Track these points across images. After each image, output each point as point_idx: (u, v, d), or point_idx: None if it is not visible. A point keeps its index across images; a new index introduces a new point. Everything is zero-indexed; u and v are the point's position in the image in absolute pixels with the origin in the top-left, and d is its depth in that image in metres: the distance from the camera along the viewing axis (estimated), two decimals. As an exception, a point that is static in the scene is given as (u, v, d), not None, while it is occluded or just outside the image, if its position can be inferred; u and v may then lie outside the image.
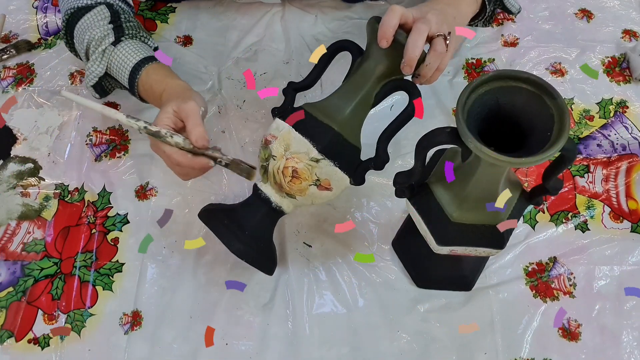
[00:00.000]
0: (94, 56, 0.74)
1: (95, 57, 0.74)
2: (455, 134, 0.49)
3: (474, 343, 0.69)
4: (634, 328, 0.69)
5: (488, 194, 0.54)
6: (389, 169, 0.79)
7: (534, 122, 0.49)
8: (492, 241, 0.58)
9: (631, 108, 0.84)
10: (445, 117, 0.84)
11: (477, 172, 0.52)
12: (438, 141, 0.51)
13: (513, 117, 0.50)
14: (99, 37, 0.73)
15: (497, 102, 0.50)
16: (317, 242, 0.75)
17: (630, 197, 0.78)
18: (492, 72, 0.49)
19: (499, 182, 0.53)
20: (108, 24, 0.74)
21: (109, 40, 0.73)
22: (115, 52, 0.73)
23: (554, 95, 0.47)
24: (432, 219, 0.58)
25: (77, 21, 0.75)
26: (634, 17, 0.93)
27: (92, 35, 0.73)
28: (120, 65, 0.73)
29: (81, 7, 0.75)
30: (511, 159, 0.45)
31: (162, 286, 0.73)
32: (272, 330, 0.70)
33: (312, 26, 0.94)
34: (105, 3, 0.76)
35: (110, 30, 0.74)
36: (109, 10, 0.75)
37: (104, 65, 0.74)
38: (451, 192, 0.57)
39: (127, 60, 0.73)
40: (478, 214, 0.56)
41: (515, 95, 0.49)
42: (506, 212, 0.57)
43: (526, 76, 0.48)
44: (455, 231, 0.57)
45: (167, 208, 0.71)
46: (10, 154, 0.84)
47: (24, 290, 0.74)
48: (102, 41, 0.73)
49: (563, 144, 0.45)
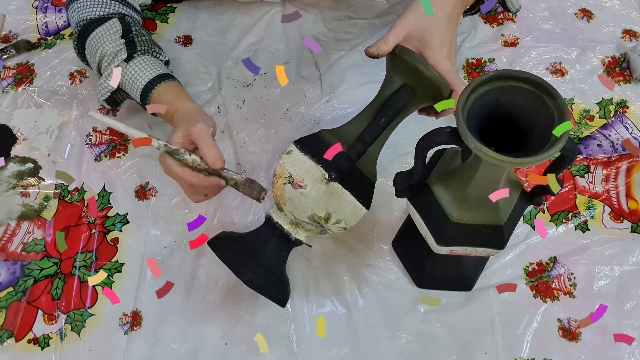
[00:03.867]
0: (107, 72, 0.75)
1: (109, 74, 0.75)
2: (455, 134, 0.49)
3: (474, 343, 0.69)
4: (634, 328, 0.69)
5: (488, 194, 0.54)
6: (389, 169, 0.80)
7: (534, 122, 0.48)
8: (492, 241, 0.58)
9: (631, 108, 0.84)
10: (445, 117, 0.83)
11: (477, 172, 0.52)
12: (438, 141, 0.51)
13: (513, 117, 0.50)
14: (111, 53, 0.74)
15: (497, 102, 0.49)
16: (317, 242, 0.75)
17: (630, 197, 0.78)
18: (492, 72, 0.49)
19: (499, 182, 0.53)
20: (120, 38, 0.75)
21: (122, 57, 0.74)
22: (128, 69, 0.74)
23: (554, 95, 0.47)
24: (432, 219, 0.58)
25: (88, 34, 0.76)
26: (634, 17, 0.93)
27: (105, 50, 0.74)
28: (132, 82, 0.74)
29: (93, 19, 0.76)
30: (511, 159, 0.45)
31: (161, 286, 0.73)
32: (272, 331, 0.70)
33: (312, 26, 0.94)
34: (117, 15, 0.76)
35: (122, 46, 0.75)
36: (121, 24, 0.76)
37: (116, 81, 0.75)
38: (451, 192, 0.57)
39: (140, 78, 0.73)
40: (478, 213, 0.56)
41: (515, 95, 0.49)
42: (506, 212, 0.57)
43: (526, 76, 0.48)
44: (455, 231, 0.57)
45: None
46: (10, 154, 0.84)
47: (23, 290, 0.74)
48: (115, 57, 0.74)
49: (563, 144, 0.45)
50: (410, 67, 0.61)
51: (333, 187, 0.60)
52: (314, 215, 0.61)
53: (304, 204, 0.61)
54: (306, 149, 0.61)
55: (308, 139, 0.63)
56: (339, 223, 0.62)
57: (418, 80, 0.61)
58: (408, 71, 0.61)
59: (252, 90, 0.88)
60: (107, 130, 0.85)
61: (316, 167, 0.60)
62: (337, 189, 0.60)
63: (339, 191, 0.60)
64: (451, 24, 0.66)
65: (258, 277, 0.62)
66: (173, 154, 0.62)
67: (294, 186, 0.60)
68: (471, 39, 0.91)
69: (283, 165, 0.61)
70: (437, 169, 0.60)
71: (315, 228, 0.63)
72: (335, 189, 0.60)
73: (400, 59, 0.62)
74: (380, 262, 0.74)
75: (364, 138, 0.61)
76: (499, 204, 0.55)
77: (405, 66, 0.61)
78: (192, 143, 0.64)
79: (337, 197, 0.60)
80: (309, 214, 0.61)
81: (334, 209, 0.61)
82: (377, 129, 0.62)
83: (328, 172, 0.60)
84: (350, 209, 0.62)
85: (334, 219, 0.62)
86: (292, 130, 0.84)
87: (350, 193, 0.61)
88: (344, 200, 0.61)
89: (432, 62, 0.62)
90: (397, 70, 0.62)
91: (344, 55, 0.89)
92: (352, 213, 0.62)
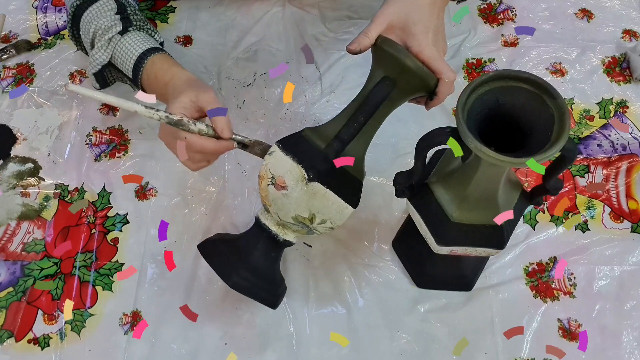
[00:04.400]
0: (100, 44, 0.73)
1: (101, 45, 0.73)
2: (455, 134, 0.49)
3: (474, 343, 0.69)
4: (634, 328, 0.69)
5: (488, 193, 0.54)
6: (388, 170, 0.80)
7: (534, 122, 0.48)
8: (492, 241, 0.58)
9: (631, 108, 0.84)
10: (445, 117, 0.84)
11: (477, 173, 0.52)
12: (438, 141, 0.51)
13: (513, 117, 0.50)
14: (105, 26, 0.72)
15: (497, 102, 0.49)
16: (317, 242, 0.75)
17: (630, 197, 0.78)
18: (492, 72, 0.49)
19: (499, 182, 0.53)
20: (115, 15, 0.74)
21: (117, 29, 0.73)
22: (122, 41, 0.72)
23: (554, 95, 0.47)
24: (432, 219, 0.58)
25: (83, 12, 0.74)
26: (634, 17, 0.93)
27: (99, 24, 0.73)
28: (125, 54, 0.72)
29: None
30: (511, 159, 0.45)
31: (161, 286, 0.73)
32: (272, 331, 0.70)
33: (312, 26, 0.94)
34: None
35: (117, 21, 0.73)
36: (116, 2, 0.75)
37: (108, 54, 0.73)
38: (451, 192, 0.56)
39: (133, 49, 0.72)
40: (478, 213, 0.56)
41: (515, 95, 0.49)
42: None
43: (526, 76, 0.48)
44: (455, 231, 0.57)
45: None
46: (10, 154, 0.84)
47: (23, 290, 0.74)
48: (109, 30, 0.72)
49: (563, 144, 0.45)
50: (391, 58, 0.58)
51: (314, 187, 0.59)
52: (298, 216, 0.60)
53: (287, 205, 0.60)
54: (288, 149, 0.60)
55: (291, 138, 0.61)
56: (325, 223, 0.61)
57: (400, 71, 0.58)
58: (390, 63, 0.58)
59: (252, 90, 0.88)
60: (107, 130, 0.85)
61: (297, 167, 0.59)
62: (319, 189, 0.59)
63: (321, 191, 0.59)
64: (435, 9, 0.62)
65: (245, 280, 0.61)
66: (177, 125, 0.59)
67: (276, 187, 0.59)
68: (471, 39, 0.91)
69: (266, 166, 0.60)
70: (437, 169, 0.60)
71: (302, 229, 0.62)
72: (317, 189, 0.59)
73: (381, 50, 0.59)
74: (380, 262, 0.74)
75: (341, 136, 0.60)
76: (499, 204, 0.55)
77: (386, 58, 0.58)
78: (199, 110, 0.62)
79: (319, 197, 0.59)
80: (292, 214, 0.60)
81: (318, 209, 0.60)
82: (355, 125, 0.60)
83: (307, 172, 0.58)
84: (334, 209, 0.60)
85: (318, 219, 0.61)
86: (292, 130, 0.84)
87: (333, 192, 0.59)
88: (327, 200, 0.59)
89: (415, 50, 0.59)
90: (380, 62, 0.60)
91: (344, 55, 0.89)
92: (338, 212, 0.61)
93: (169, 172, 0.81)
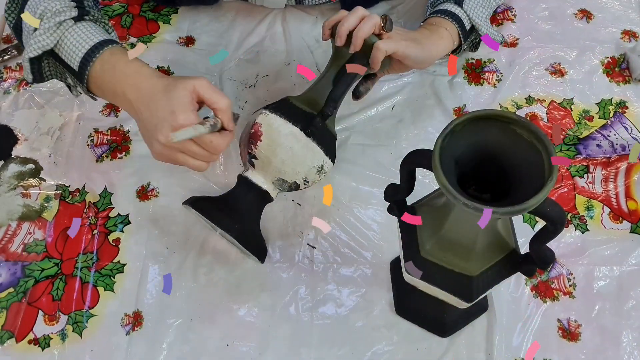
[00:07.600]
0: (47, 25, 0.63)
1: (48, 27, 0.63)
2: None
3: (474, 343, 0.69)
4: (634, 328, 0.69)
5: (464, 240, 0.50)
6: (389, 169, 0.80)
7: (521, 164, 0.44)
8: (457, 290, 0.53)
9: (631, 108, 0.85)
10: (445, 117, 0.84)
11: (452, 212, 0.49)
12: (419, 162, 0.48)
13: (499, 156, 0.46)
14: (57, 10, 0.63)
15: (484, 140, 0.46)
16: (317, 242, 0.76)
17: (629, 197, 0.78)
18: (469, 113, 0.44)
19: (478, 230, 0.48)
20: (70, 2, 0.66)
21: (70, 14, 0.64)
22: (74, 28, 0.64)
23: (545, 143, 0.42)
24: (408, 245, 0.55)
25: None
26: (633, 18, 0.93)
27: (50, 6, 0.63)
28: (76, 41, 0.64)
29: None
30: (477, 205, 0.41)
31: (162, 286, 0.73)
32: (273, 331, 0.70)
33: (312, 27, 0.94)
34: None
35: (73, 8, 0.65)
36: None
37: (55, 38, 0.64)
38: (431, 225, 0.53)
39: (87, 38, 0.63)
40: (450, 256, 0.52)
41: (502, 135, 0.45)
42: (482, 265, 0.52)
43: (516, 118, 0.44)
44: (422, 265, 0.53)
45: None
46: (11, 155, 0.84)
47: (24, 291, 0.74)
48: (61, 13, 0.64)
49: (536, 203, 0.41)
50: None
51: (308, 144, 0.67)
52: (289, 170, 0.67)
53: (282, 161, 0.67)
54: (277, 111, 0.67)
55: (278, 103, 0.70)
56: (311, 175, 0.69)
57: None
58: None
59: (253, 91, 0.88)
60: (109, 130, 0.85)
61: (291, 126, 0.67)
62: (312, 145, 0.67)
63: (314, 148, 0.68)
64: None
65: (242, 232, 0.66)
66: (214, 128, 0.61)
67: (269, 144, 0.66)
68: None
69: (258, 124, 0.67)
70: (429, 195, 0.57)
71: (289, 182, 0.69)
72: (310, 146, 0.67)
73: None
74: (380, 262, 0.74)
75: (335, 99, 0.68)
76: (475, 255, 0.52)
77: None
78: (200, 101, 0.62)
79: (310, 152, 0.68)
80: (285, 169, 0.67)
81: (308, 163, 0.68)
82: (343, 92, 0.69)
83: (304, 129, 0.66)
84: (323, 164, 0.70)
85: (304, 174, 0.69)
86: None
87: (321, 149, 0.68)
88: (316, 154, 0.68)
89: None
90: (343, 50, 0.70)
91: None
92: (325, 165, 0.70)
93: (170, 172, 0.81)
